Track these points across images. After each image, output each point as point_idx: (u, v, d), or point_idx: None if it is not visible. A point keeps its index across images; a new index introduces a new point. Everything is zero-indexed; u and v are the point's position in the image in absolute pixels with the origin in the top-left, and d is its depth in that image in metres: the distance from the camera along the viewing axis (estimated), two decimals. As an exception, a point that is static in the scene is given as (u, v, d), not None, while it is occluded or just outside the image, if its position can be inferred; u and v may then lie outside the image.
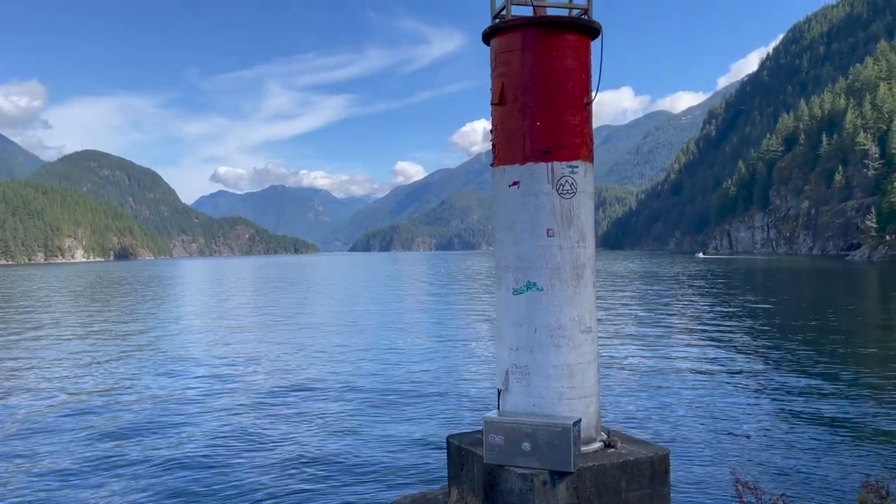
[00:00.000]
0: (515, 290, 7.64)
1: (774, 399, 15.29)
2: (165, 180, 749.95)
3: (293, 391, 17.17)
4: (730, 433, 12.62)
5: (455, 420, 13.67)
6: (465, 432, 8.54)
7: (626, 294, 49.04)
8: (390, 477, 10.76)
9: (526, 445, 7.04)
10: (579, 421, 7.21)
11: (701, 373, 18.48)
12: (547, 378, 7.49)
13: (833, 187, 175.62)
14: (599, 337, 7.87)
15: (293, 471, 11.12)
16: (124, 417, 14.83)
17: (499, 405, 7.80)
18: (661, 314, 34.50)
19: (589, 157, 7.81)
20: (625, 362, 20.02)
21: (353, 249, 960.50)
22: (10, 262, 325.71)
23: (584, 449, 7.36)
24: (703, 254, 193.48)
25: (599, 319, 8.03)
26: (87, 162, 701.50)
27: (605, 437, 7.83)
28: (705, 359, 20.79)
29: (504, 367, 7.78)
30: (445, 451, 8.08)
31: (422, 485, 10.31)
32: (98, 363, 22.38)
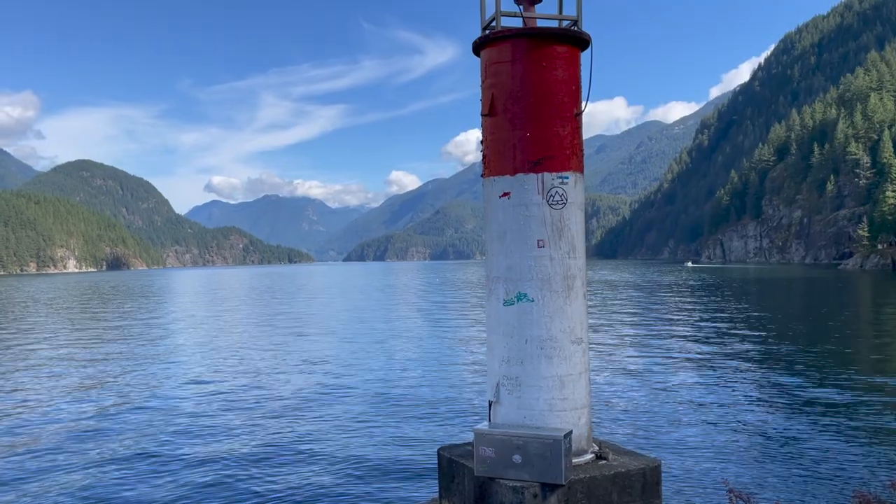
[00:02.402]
0: (506, 301, 7.63)
1: (766, 409, 15.28)
2: (159, 190, 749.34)
3: (283, 403, 17.07)
4: (722, 443, 12.60)
5: (446, 432, 13.61)
6: (457, 444, 8.50)
7: (613, 304, 49.07)
8: (381, 489, 10.69)
9: (517, 457, 7.01)
10: (570, 433, 7.18)
11: (692, 383, 18.46)
12: (538, 389, 7.46)
13: (825, 197, 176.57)
14: (589, 347, 7.85)
15: (281, 482, 11.04)
16: (124, 429, 14.72)
17: (490, 417, 7.77)
18: (650, 324, 34.51)
19: (579, 168, 7.82)
20: (615, 373, 19.99)
21: (347, 259, 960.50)
22: (2, 273, 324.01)
23: (575, 461, 7.33)
24: (692, 263, 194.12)
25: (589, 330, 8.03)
26: (79, 172, 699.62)
27: (596, 448, 7.80)
28: (696, 369, 20.78)
29: (495, 379, 7.75)
30: (436, 463, 8.03)
31: (412, 497, 10.25)
32: (103, 378, 22.22)
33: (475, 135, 8.14)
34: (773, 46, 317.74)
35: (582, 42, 7.78)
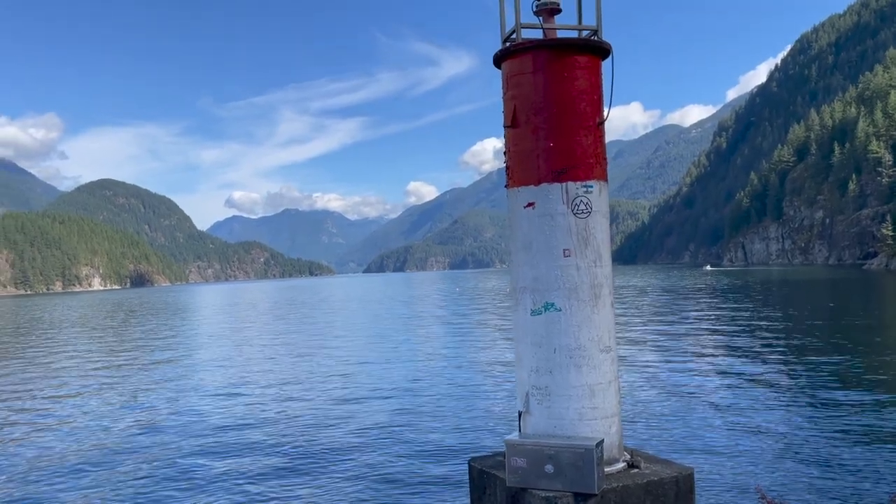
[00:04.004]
0: (533, 311, 7.65)
1: (800, 413, 15.10)
2: (181, 207, 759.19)
3: (309, 413, 17.13)
4: (754, 449, 12.47)
5: (476, 442, 13.59)
6: (487, 455, 8.51)
7: (634, 310, 48.77)
8: (410, 501, 10.70)
9: (549, 468, 7.01)
10: (601, 441, 7.17)
11: (724, 388, 18.29)
12: (568, 399, 7.46)
13: (847, 196, 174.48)
14: (617, 355, 7.85)
15: (308, 493, 11.08)
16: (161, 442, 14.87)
17: (520, 427, 7.78)
18: (673, 330, 34.24)
19: (603, 177, 7.84)
20: (643, 380, 19.87)
21: (367, 271, 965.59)
22: (29, 292, 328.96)
23: (607, 470, 7.31)
24: (711, 266, 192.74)
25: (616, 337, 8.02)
26: (102, 191, 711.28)
27: (628, 457, 7.77)
28: (727, 374, 20.59)
29: (524, 389, 7.77)
30: (467, 474, 8.05)
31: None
32: (141, 392, 22.49)
33: (492, 144, 8.25)
34: (789, 47, 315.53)
35: (603, 51, 7.82)
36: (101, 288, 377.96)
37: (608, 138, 8.03)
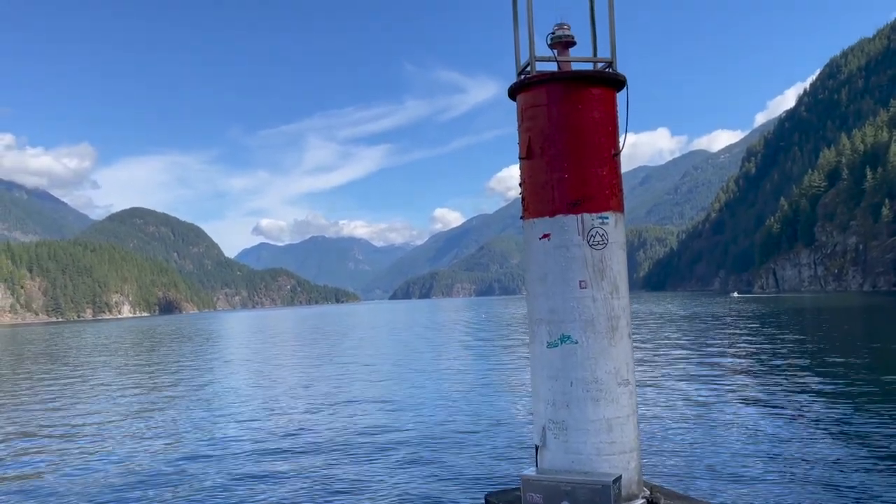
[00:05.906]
0: (549, 343, 7.59)
1: (826, 447, 14.69)
2: (209, 234, 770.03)
3: (325, 444, 17.07)
4: (779, 485, 12.14)
5: (494, 476, 13.41)
6: (505, 489, 8.41)
7: (661, 338, 48.11)
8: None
9: (565, 504, 6.89)
10: (619, 477, 7.05)
11: (746, 422, 17.88)
12: (585, 433, 7.37)
13: (881, 222, 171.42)
14: (637, 386, 7.72)
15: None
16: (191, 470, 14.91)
17: (537, 462, 7.68)
18: (696, 360, 33.67)
19: (619, 208, 7.81)
20: (664, 412, 19.50)
21: (393, 297, 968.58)
22: (60, 319, 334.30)
23: (625, 506, 7.17)
24: (738, 294, 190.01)
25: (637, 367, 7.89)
26: (133, 219, 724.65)
27: (647, 493, 7.62)
28: (749, 406, 20.14)
29: (541, 423, 7.68)
30: (484, 509, 7.94)
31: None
32: (174, 419, 22.66)
33: (517, 170, 8.27)
34: (818, 71, 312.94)
35: (617, 83, 7.84)
36: (131, 315, 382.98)
37: (635, 164, 8.08)
